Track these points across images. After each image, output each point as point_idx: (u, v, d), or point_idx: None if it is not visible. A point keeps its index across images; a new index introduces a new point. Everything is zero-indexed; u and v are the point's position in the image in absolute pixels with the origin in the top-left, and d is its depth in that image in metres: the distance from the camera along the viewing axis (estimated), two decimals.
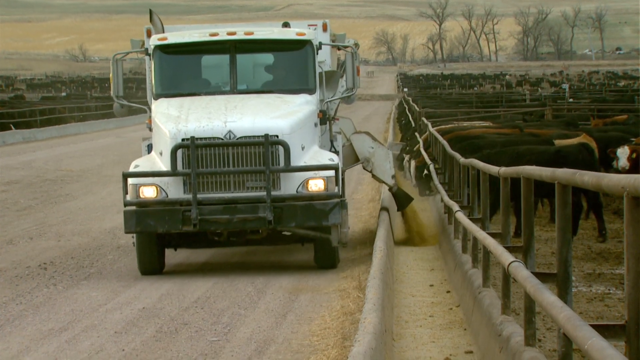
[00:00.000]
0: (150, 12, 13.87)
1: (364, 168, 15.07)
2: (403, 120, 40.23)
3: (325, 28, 14.07)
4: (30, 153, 34.90)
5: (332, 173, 11.97)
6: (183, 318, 9.95)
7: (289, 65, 13.15)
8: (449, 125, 24.09)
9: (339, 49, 14.51)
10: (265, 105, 12.36)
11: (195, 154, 11.76)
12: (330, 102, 13.61)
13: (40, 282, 12.21)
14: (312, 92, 12.90)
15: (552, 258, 11.92)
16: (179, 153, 11.86)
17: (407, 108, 43.87)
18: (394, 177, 15.17)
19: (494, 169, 9.45)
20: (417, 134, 26.24)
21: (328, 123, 13.53)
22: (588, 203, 14.72)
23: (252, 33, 12.94)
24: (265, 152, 11.77)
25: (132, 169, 12.14)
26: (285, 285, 11.57)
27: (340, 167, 12.41)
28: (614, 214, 16.80)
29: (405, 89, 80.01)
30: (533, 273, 6.29)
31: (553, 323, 7.41)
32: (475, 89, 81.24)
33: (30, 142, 42.07)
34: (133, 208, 12.00)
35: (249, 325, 9.55)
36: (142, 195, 11.93)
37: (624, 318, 4.67)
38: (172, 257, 13.48)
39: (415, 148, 21.74)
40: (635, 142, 17.07)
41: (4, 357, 8.56)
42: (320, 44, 13.07)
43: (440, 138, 18.17)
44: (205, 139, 11.84)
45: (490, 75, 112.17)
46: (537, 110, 34.48)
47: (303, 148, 12.12)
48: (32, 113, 48.30)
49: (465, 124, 24.96)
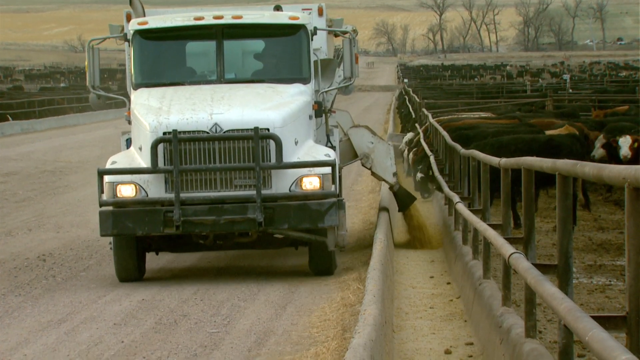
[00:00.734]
0: None
1: (363, 165, 14.10)
2: (403, 111, 40.19)
3: (321, 12, 12.99)
4: (29, 144, 34.87)
5: (328, 170, 10.95)
6: (182, 310, 9.93)
7: (281, 52, 12.14)
8: (448, 117, 24.04)
9: (336, 35, 13.45)
10: (255, 96, 11.37)
11: (178, 149, 10.78)
12: (327, 92, 12.60)
13: (39, 273, 12.19)
14: (306, 81, 11.89)
15: (552, 249, 11.90)
16: (160, 148, 10.86)
17: (407, 99, 43.82)
18: (396, 174, 14.24)
19: (495, 160, 9.41)
20: (417, 125, 26.19)
21: (324, 116, 12.54)
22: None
23: (240, 17, 11.87)
24: (255, 147, 10.79)
25: (109, 166, 11.13)
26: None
27: (337, 163, 11.43)
28: (615, 205, 16.78)
29: (406, 80, 79.92)
30: (534, 264, 6.27)
31: (554, 315, 7.39)
32: (476, 80, 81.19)
33: (29, 133, 42.04)
34: (109, 208, 11.03)
35: (249, 317, 9.53)
36: (119, 195, 10.94)
37: (625, 309, 4.64)
38: (156, 260, 12.64)
39: (415, 139, 21.69)
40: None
41: (3, 348, 8.55)
42: (316, 29, 12.05)
43: (441, 129, 18.13)
44: (189, 133, 10.88)
45: (491, 66, 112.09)
46: (537, 101, 34.41)
47: (296, 143, 11.16)
48: (30, 104, 48.26)
49: (465, 115, 24.92)
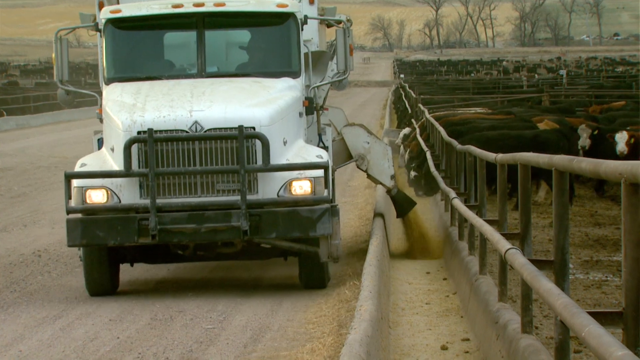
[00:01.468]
0: None
1: (358, 167, 12.98)
2: (399, 107, 40.17)
3: (312, 0, 11.89)
4: (24, 140, 34.83)
5: (320, 173, 9.96)
6: (178, 305, 9.92)
7: (269, 44, 11.09)
8: (445, 112, 24.04)
9: (329, 25, 12.36)
10: (240, 91, 10.36)
11: (154, 150, 9.79)
12: (318, 88, 11.69)
13: (35, 269, 12.16)
14: (296, 75, 10.85)
15: (549, 245, 11.89)
16: (134, 149, 9.87)
17: (403, 94, 43.79)
18: (394, 177, 13.05)
19: (491, 156, 9.41)
20: (413, 121, 26.18)
21: (316, 113, 11.51)
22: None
23: (223, 4, 10.87)
24: (240, 147, 9.78)
25: (77, 168, 10.14)
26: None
27: (330, 165, 10.39)
28: (612, 201, 16.79)
29: (402, 75, 79.87)
30: (530, 260, 6.26)
31: (550, 310, 7.39)
32: (472, 75, 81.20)
33: (24, 128, 41.99)
34: (78, 216, 10.02)
35: (245, 313, 9.51)
36: (89, 201, 9.96)
37: (622, 305, 4.64)
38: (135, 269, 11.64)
39: (412, 135, 21.67)
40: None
41: None
42: (306, 18, 10.97)
43: (437, 124, 18.12)
44: (166, 132, 9.88)
45: (487, 62, 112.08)
46: (534, 97, 34.41)
47: (285, 143, 10.18)
48: (25, 99, 48.20)
49: (461, 111, 24.91)
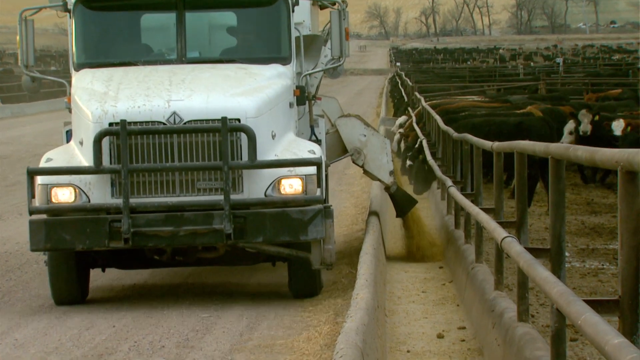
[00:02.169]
0: None
1: (354, 162, 11.91)
2: (396, 95, 40.13)
3: None
4: (20, 128, 34.77)
5: (312, 170, 9.01)
6: (174, 294, 9.92)
7: (256, 27, 10.20)
8: (441, 100, 24.02)
9: (322, 7, 11.37)
10: (224, 79, 9.41)
11: (127, 144, 8.80)
12: (311, 75, 10.65)
13: (30, 258, 12.14)
14: (286, 61, 9.92)
15: (545, 233, 11.89)
16: (105, 142, 8.88)
17: (399, 83, 43.75)
18: (393, 173, 11.95)
19: (487, 144, 9.39)
20: (409, 109, 26.15)
21: (308, 103, 10.50)
22: (540, 171, 14.72)
23: None
24: (223, 141, 8.81)
25: (42, 164, 9.19)
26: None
27: (324, 161, 9.48)
28: (608, 189, 16.79)
29: (398, 64, 79.71)
30: (526, 248, 6.26)
31: (546, 299, 7.39)
32: (469, 63, 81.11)
33: (19, 116, 41.92)
34: (43, 217, 9.07)
35: (241, 302, 9.50)
36: (54, 200, 8.97)
37: (618, 293, 4.63)
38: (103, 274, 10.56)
39: (407, 123, 21.65)
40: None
41: None
42: None
43: (433, 113, 18.10)
44: (141, 124, 8.90)
45: (484, 49, 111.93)
46: (530, 85, 34.38)
47: (274, 136, 9.23)
48: (20, 87, 48.06)
49: (458, 99, 24.89)
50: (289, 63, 10.01)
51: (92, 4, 10.00)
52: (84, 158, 9.12)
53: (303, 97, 10.16)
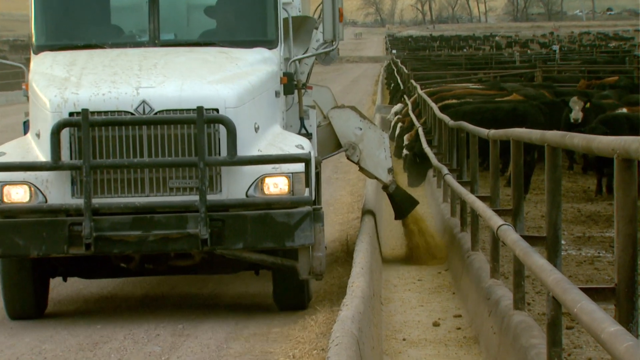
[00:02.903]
0: None
1: (349, 158, 10.82)
2: (392, 83, 40.09)
3: None
4: (15, 116, 34.57)
5: (300, 167, 7.99)
6: (169, 283, 9.89)
7: (239, 6, 9.09)
8: (437, 88, 24.00)
9: None
10: (201, 64, 8.39)
11: (90, 137, 7.79)
12: (300, 61, 9.66)
13: None
14: (272, 45, 8.86)
15: (541, 221, 11.88)
16: (65, 134, 7.86)
17: (395, 70, 43.70)
18: (392, 171, 10.93)
19: (483, 132, 9.38)
20: (405, 97, 26.13)
21: (297, 92, 9.45)
22: (533, 160, 14.71)
23: None
24: (199, 134, 7.79)
25: None
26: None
27: (314, 157, 8.38)
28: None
29: (394, 51, 79.66)
30: (522, 236, 6.25)
31: (542, 287, 7.37)
32: (465, 51, 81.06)
33: (14, 104, 41.71)
34: None
35: (236, 290, 9.49)
36: (7, 199, 7.94)
37: (614, 281, 4.62)
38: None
39: (403, 111, 21.64)
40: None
41: None
42: None
43: (429, 100, 18.09)
44: (106, 114, 7.88)
45: (480, 37, 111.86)
46: (527, 72, 34.36)
47: (257, 129, 8.19)
48: (15, 75, 47.91)
49: (453, 87, 24.87)
50: (276, 47, 8.91)
51: None
52: (41, 152, 8.04)
53: (291, 85, 9.11)
